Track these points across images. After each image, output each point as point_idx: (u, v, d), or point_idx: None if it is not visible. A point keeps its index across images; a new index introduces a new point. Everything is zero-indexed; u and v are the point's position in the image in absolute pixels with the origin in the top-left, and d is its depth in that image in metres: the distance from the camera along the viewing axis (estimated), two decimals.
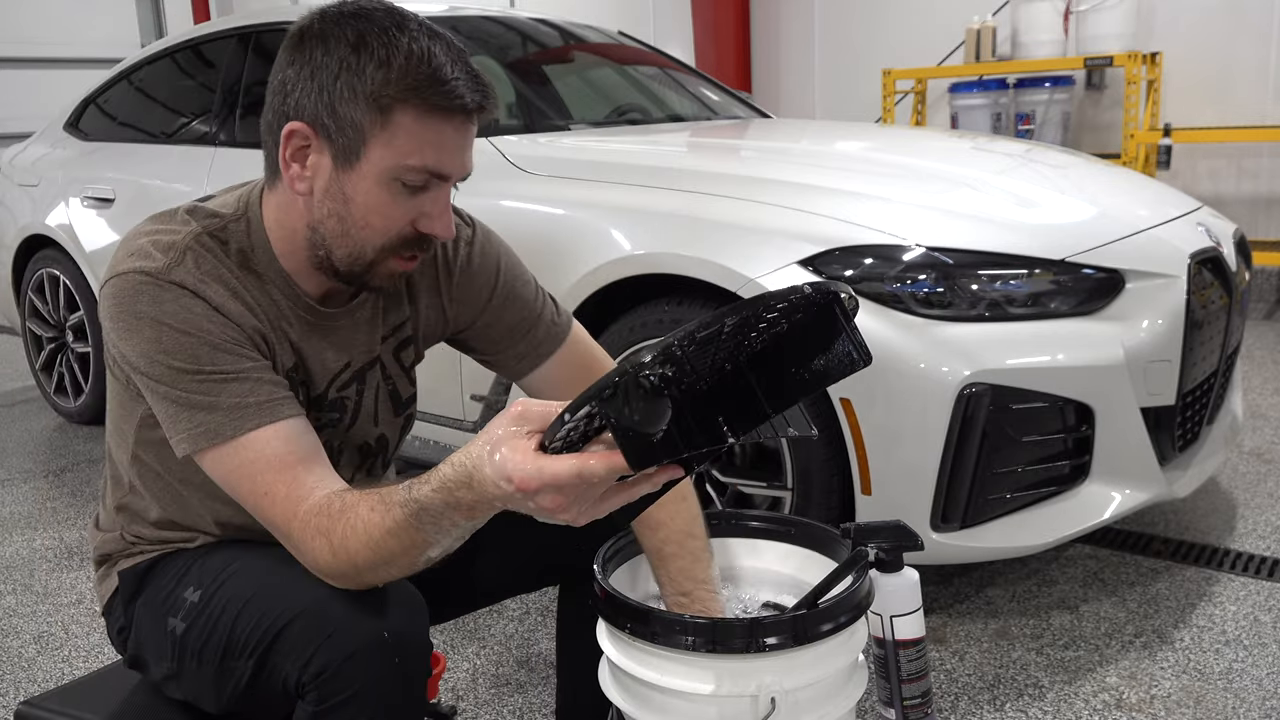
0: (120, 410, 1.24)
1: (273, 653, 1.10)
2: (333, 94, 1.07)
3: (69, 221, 3.82)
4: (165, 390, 1.09)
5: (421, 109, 1.06)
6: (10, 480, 3.47)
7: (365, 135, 1.08)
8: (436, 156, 1.09)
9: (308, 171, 1.12)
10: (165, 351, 1.08)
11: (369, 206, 1.11)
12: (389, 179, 1.09)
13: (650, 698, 1.14)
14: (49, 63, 9.12)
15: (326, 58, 1.07)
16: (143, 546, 1.30)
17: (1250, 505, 2.78)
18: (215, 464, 1.10)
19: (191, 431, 1.09)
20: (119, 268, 1.12)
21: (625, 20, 6.96)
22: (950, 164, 2.64)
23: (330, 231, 1.13)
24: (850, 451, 2.04)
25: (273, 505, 1.07)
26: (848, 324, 0.93)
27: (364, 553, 1.02)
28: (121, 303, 1.10)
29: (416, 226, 1.13)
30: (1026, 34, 5.48)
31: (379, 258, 1.15)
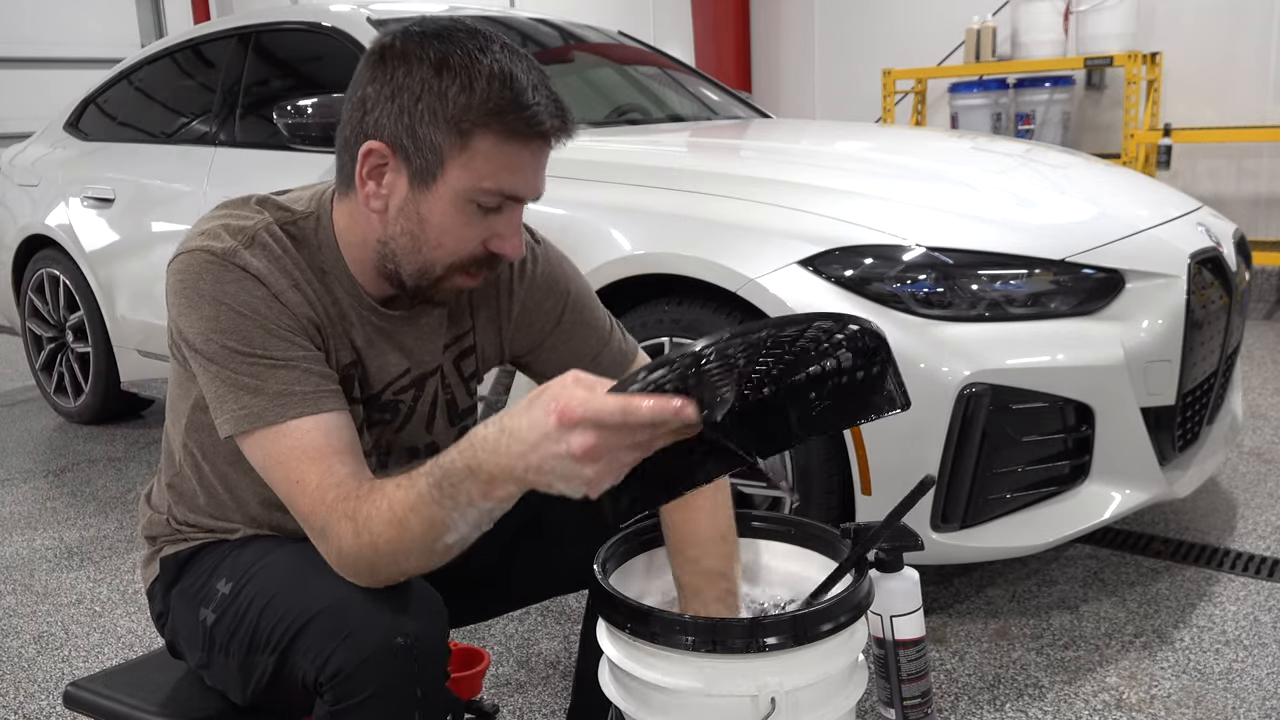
0: (178, 389, 1.26)
1: (293, 651, 1.11)
2: (413, 116, 1.07)
3: (69, 221, 3.82)
4: (216, 370, 1.11)
5: (502, 134, 1.07)
6: (10, 480, 3.47)
7: (444, 158, 1.08)
8: (512, 180, 1.10)
9: (383, 190, 1.12)
10: (221, 330, 1.10)
11: (443, 227, 1.11)
12: (464, 200, 1.10)
13: (650, 698, 1.14)
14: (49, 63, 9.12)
15: (408, 78, 1.07)
16: (186, 533, 1.32)
17: (1250, 505, 2.78)
18: (254, 448, 1.11)
19: (236, 413, 1.11)
20: (187, 245, 1.14)
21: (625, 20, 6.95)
22: (950, 164, 2.64)
23: (402, 248, 1.14)
24: (850, 451, 2.04)
25: (303, 494, 1.07)
26: (894, 367, 0.93)
27: (386, 532, 1.01)
28: (185, 279, 1.12)
29: (487, 246, 1.14)
30: (1026, 34, 5.48)
31: (447, 274, 1.16)
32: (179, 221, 3.35)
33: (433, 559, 1.03)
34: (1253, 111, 5.23)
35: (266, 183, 3.23)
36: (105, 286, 3.71)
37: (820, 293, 2.03)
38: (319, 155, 2.93)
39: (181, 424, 1.27)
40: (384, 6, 3.24)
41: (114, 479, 3.44)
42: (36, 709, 2.08)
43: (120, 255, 3.62)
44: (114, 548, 2.87)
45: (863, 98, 6.37)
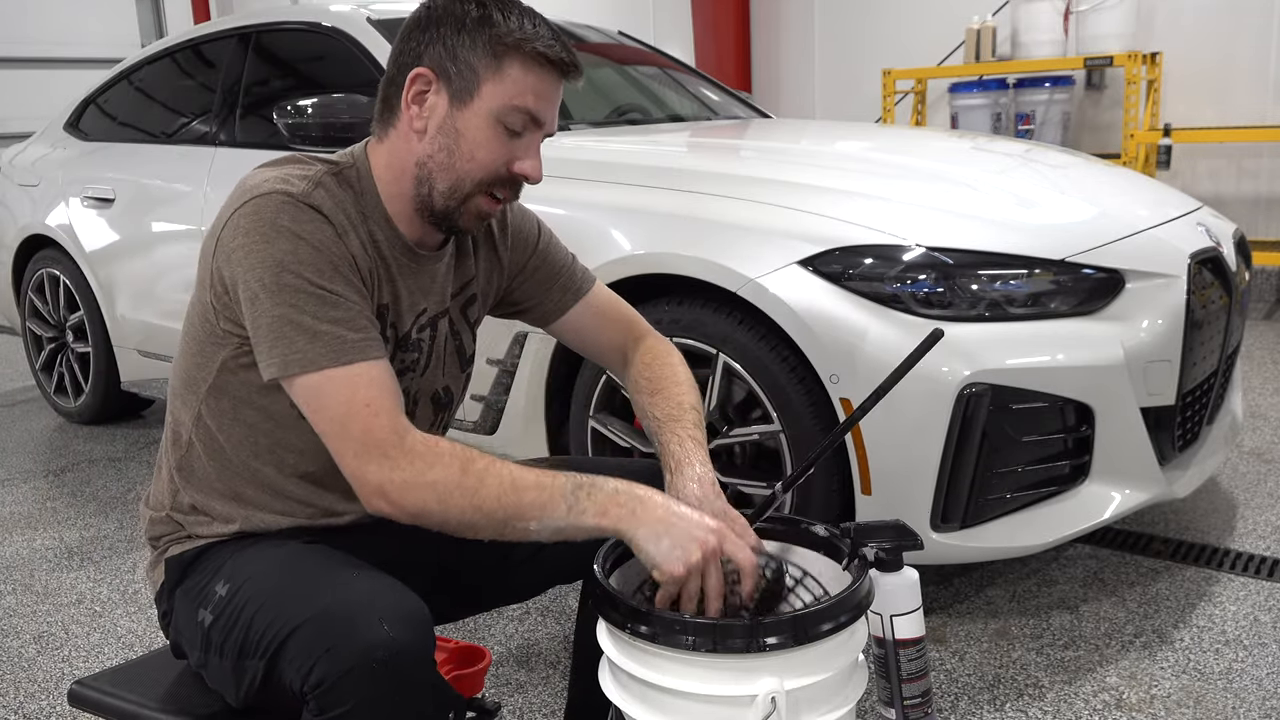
0: (197, 359, 1.29)
1: (279, 658, 1.13)
2: (455, 43, 1.24)
3: (69, 221, 3.83)
4: (282, 307, 1.16)
5: (529, 60, 1.24)
6: (10, 480, 3.47)
7: (480, 77, 1.24)
8: (536, 101, 1.26)
9: (425, 112, 1.26)
10: (300, 262, 1.17)
11: (475, 141, 1.26)
12: (495, 119, 1.25)
13: (650, 698, 1.14)
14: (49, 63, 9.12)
15: (450, 19, 1.25)
16: (191, 525, 1.34)
17: (1250, 505, 2.78)
18: (310, 383, 1.16)
19: (293, 355, 1.16)
20: (259, 190, 1.20)
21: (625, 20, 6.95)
22: (950, 164, 2.64)
23: (438, 165, 1.27)
24: (850, 451, 2.04)
25: (375, 417, 1.15)
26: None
27: (496, 489, 1.14)
28: (262, 218, 1.18)
29: (511, 168, 1.28)
30: (1026, 34, 5.48)
31: (474, 191, 1.28)
32: (179, 221, 3.36)
33: (500, 530, 1.15)
34: (1253, 111, 5.23)
35: None
36: (105, 286, 3.72)
37: (820, 293, 2.03)
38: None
39: (199, 395, 1.30)
40: (384, 6, 3.24)
41: (114, 479, 3.44)
42: (37, 709, 2.08)
43: (120, 255, 3.62)
44: (114, 548, 2.87)
45: (863, 98, 6.37)
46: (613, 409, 2.36)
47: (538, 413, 2.44)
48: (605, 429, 2.36)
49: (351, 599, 1.12)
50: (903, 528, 1.25)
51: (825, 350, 2.02)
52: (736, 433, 2.22)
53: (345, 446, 1.16)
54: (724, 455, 2.26)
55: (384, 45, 2.98)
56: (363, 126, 2.66)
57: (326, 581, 1.18)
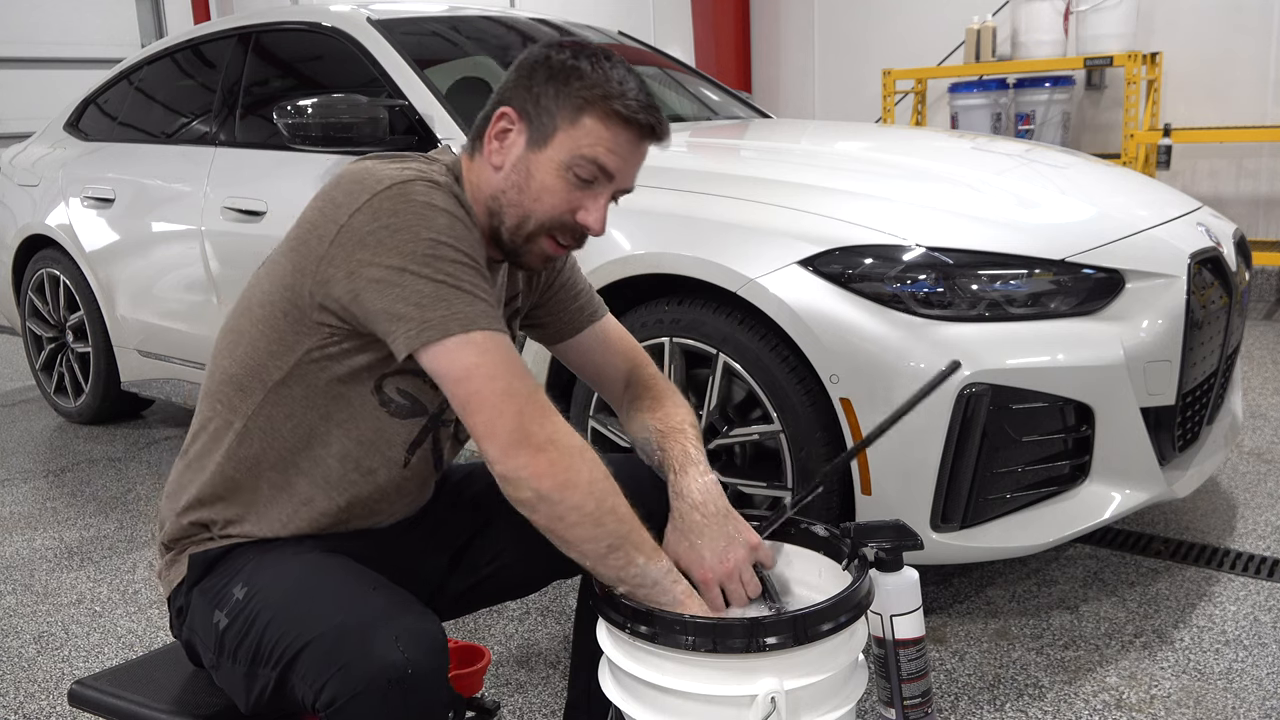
0: (273, 347, 1.28)
1: (292, 671, 1.13)
2: (541, 90, 1.29)
3: (69, 221, 3.83)
4: (441, 275, 1.17)
5: (607, 115, 1.27)
6: (10, 480, 3.47)
7: (556, 124, 1.28)
8: (607, 155, 1.28)
9: (504, 149, 1.31)
10: (455, 237, 1.19)
11: (544, 185, 1.29)
12: (565, 167, 1.28)
13: (650, 698, 1.14)
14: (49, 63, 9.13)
15: (543, 67, 1.30)
16: (221, 529, 1.32)
17: (1250, 505, 2.78)
18: (483, 343, 1.17)
19: (465, 314, 1.17)
20: (398, 179, 1.21)
21: (625, 20, 6.96)
22: (950, 164, 2.64)
23: (509, 200, 1.31)
24: None
25: (537, 383, 1.18)
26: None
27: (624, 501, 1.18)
28: (410, 200, 1.19)
29: (575, 216, 1.31)
30: (1026, 34, 5.48)
31: (537, 232, 1.31)
32: (179, 222, 3.36)
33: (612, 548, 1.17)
34: (1253, 111, 5.23)
35: (267, 183, 3.24)
36: (105, 286, 3.72)
37: (820, 293, 2.03)
38: (319, 155, 2.93)
39: (265, 385, 1.29)
40: (384, 6, 3.24)
41: (114, 479, 3.44)
42: (36, 709, 2.08)
43: (120, 255, 3.62)
44: (114, 548, 2.87)
45: (863, 98, 6.38)
46: (611, 410, 2.35)
47: None
48: (605, 429, 2.36)
49: (367, 616, 1.12)
50: (903, 528, 1.26)
51: (825, 350, 2.02)
52: (736, 433, 2.22)
53: (502, 406, 1.15)
54: (724, 455, 2.26)
55: (384, 45, 2.98)
56: (363, 126, 2.67)
57: (344, 596, 1.17)
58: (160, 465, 3.55)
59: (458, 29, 3.37)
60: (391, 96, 2.84)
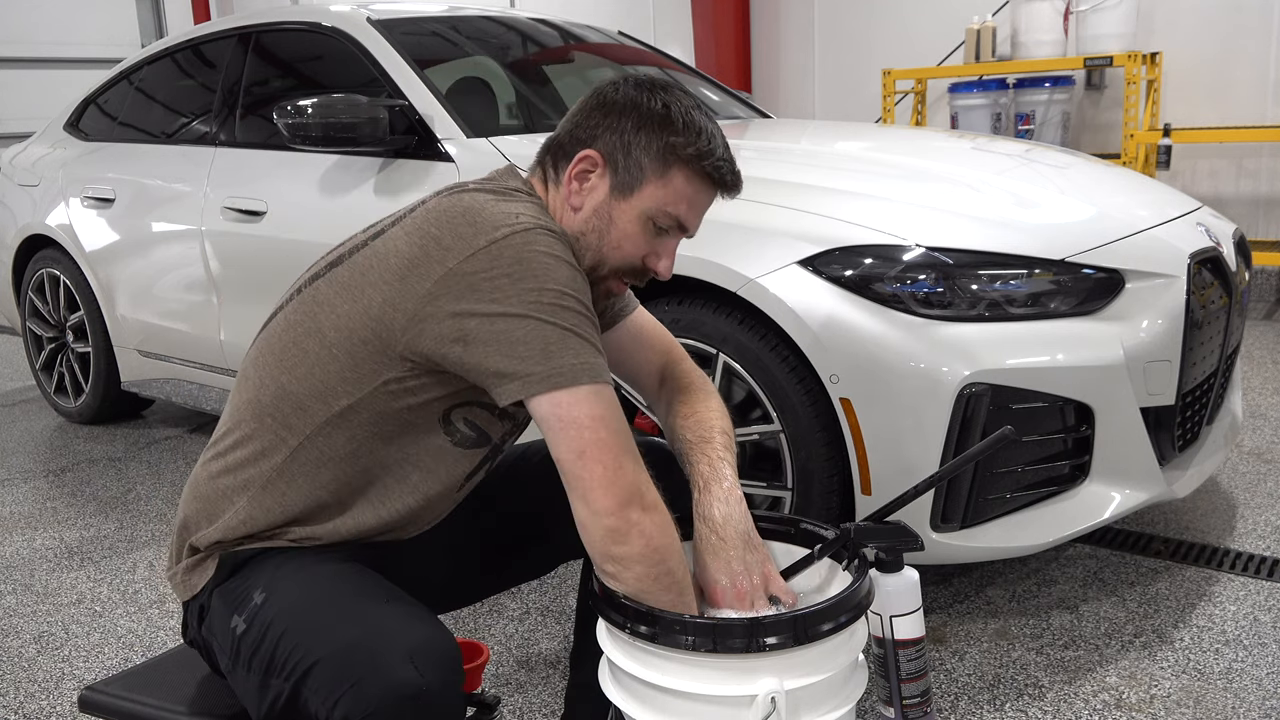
0: (347, 372, 1.25)
1: (305, 685, 1.12)
2: (632, 139, 1.29)
3: (69, 221, 3.83)
4: (564, 323, 1.17)
5: (695, 174, 1.30)
6: (10, 480, 3.47)
7: (646, 177, 1.29)
8: (688, 211, 1.32)
9: (585, 191, 1.31)
10: (577, 289, 1.20)
11: (625, 233, 1.31)
12: (647, 217, 1.30)
13: (650, 698, 1.14)
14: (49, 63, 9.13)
15: (634, 113, 1.30)
16: (256, 530, 1.29)
17: (1250, 505, 2.78)
18: (592, 396, 1.16)
19: (581, 363, 1.17)
20: (518, 225, 1.20)
21: (625, 20, 6.96)
22: (950, 164, 2.64)
23: (589, 244, 1.32)
24: (850, 451, 2.04)
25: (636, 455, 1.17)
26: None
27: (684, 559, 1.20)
28: (532, 246, 1.19)
29: (647, 262, 1.34)
30: (1026, 34, 5.48)
31: (610, 275, 1.34)
32: (179, 222, 3.36)
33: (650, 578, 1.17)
34: (1253, 111, 5.23)
35: (267, 183, 3.24)
36: (105, 286, 3.72)
37: (820, 293, 2.03)
38: (319, 155, 2.93)
39: (331, 407, 1.26)
40: (384, 6, 3.24)
41: (114, 479, 3.44)
42: (36, 709, 2.08)
43: (120, 255, 3.62)
44: (114, 548, 2.87)
45: (863, 98, 6.37)
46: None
47: None
48: None
49: (381, 632, 1.11)
50: (903, 528, 1.26)
51: (825, 350, 2.02)
52: (737, 433, 2.21)
53: (610, 472, 1.15)
54: None
55: (384, 45, 2.98)
56: (363, 126, 2.67)
57: (358, 609, 1.16)
58: (160, 465, 3.55)
59: (458, 29, 3.37)
60: (391, 96, 2.84)
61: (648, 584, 1.15)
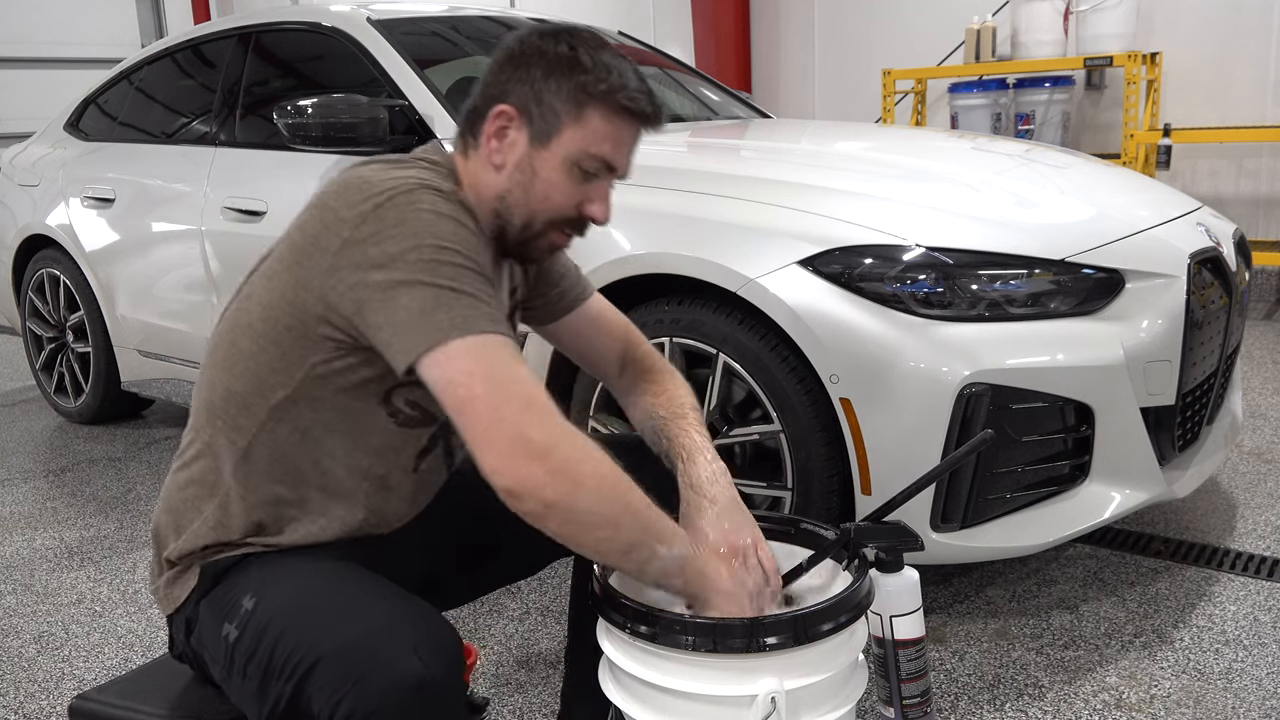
0: (276, 363, 1.25)
1: (307, 685, 1.10)
2: (542, 87, 1.27)
3: (69, 221, 3.83)
4: (443, 279, 1.14)
5: (611, 109, 1.27)
6: (10, 480, 3.47)
7: (562, 121, 1.27)
8: (613, 149, 1.29)
9: (504, 148, 1.29)
10: (460, 241, 1.17)
11: (550, 182, 1.29)
12: (571, 163, 1.28)
13: (650, 698, 1.14)
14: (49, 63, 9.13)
15: (540, 60, 1.28)
16: (233, 546, 1.29)
17: (1250, 505, 2.78)
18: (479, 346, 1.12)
19: (466, 318, 1.13)
20: (402, 187, 1.18)
21: (625, 20, 6.96)
22: (950, 164, 2.64)
23: (515, 200, 1.30)
24: (850, 451, 2.04)
25: (538, 386, 1.13)
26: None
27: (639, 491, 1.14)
28: (418, 206, 1.17)
29: (581, 209, 1.31)
30: (1026, 34, 5.48)
31: (544, 230, 1.32)
32: (179, 222, 3.36)
33: (634, 544, 1.13)
34: (1253, 111, 5.23)
35: (267, 183, 3.24)
36: (105, 286, 3.72)
37: (820, 293, 2.03)
38: (319, 155, 2.93)
39: (269, 400, 1.26)
40: (384, 6, 3.24)
41: (114, 479, 3.44)
42: (36, 709, 2.08)
43: (120, 255, 3.62)
44: (114, 548, 2.87)
45: (863, 98, 6.37)
46: (612, 409, 2.36)
47: None
48: (605, 429, 2.36)
49: (384, 627, 1.10)
50: (903, 528, 1.26)
51: (825, 350, 2.02)
52: (736, 433, 2.22)
53: (500, 411, 1.09)
54: (724, 455, 2.25)
55: (384, 45, 2.98)
56: (363, 126, 2.67)
57: (357, 606, 1.15)
58: (160, 465, 3.55)
59: (458, 29, 3.37)
60: (391, 96, 2.84)
61: (573, 531, 1.11)
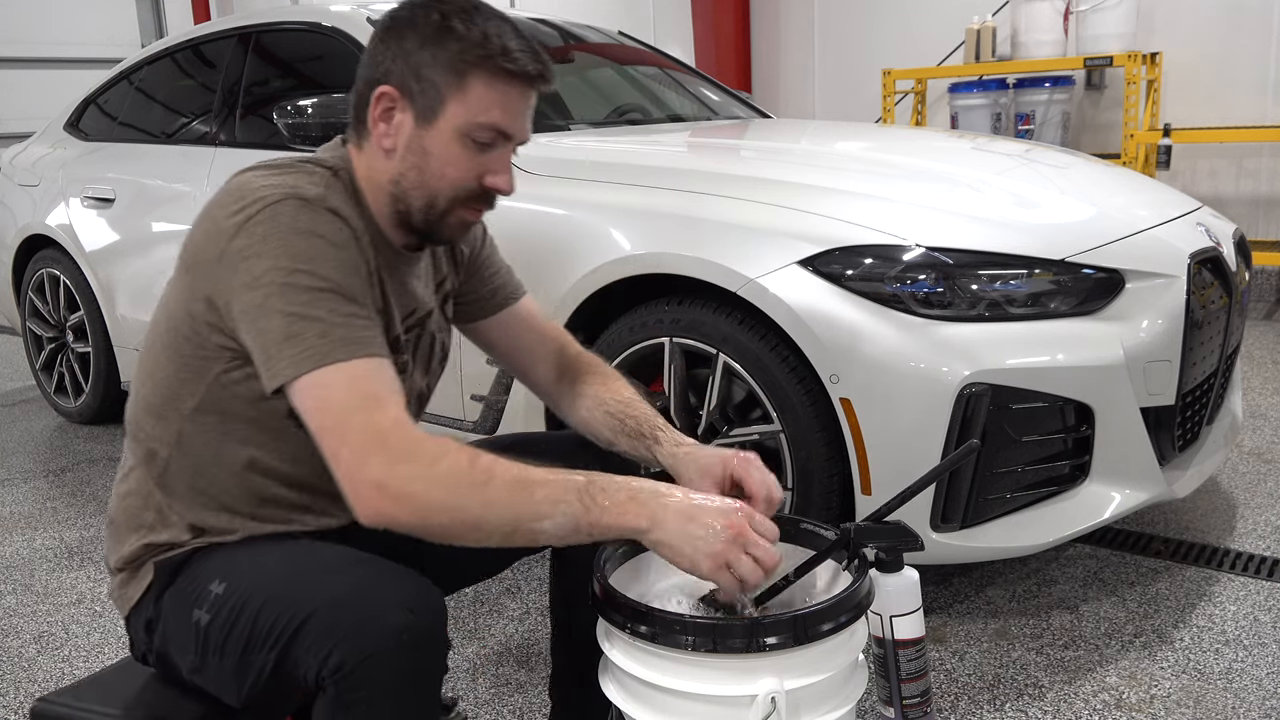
0: (181, 374, 1.25)
1: (293, 647, 1.12)
2: (418, 61, 1.23)
3: (69, 221, 3.83)
4: (295, 305, 1.12)
5: (492, 75, 1.22)
6: (10, 480, 3.47)
7: (444, 96, 1.23)
8: (503, 116, 1.25)
9: (392, 130, 1.26)
10: (314, 259, 1.14)
11: (444, 159, 1.25)
12: (461, 135, 1.24)
13: (650, 698, 1.14)
14: (49, 63, 9.13)
15: (413, 33, 1.23)
16: (184, 545, 1.30)
17: (1250, 505, 2.78)
18: (327, 379, 1.11)
19: (314, 349, 1.11)
20: (270, 198, 1.17)
21: (625, 20, 6.96)
22: (950, 164, 2.64)
23: (411, 183, 1.27)
24: (850, 451, 2.04)
25: (380, 410, 1.11)
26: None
27: (503, 485, 1.09)
28: (279, 221, 1.15)
29: (482, 182, 1.28)
30: (1026, 34, 5.48)
31: (450, 207, 1.28)
32: (179, 222, 3.36)
33: (510, 531, 1.10)
34: (1253, 111, 5.23)
35: None
36: (105, 286, 3.72)
37: (820, 293, 2.03)
38: None
39: (181, 413, 1.26)
40: (384, 6, 3.24)
41: (114, 479, 3.43)
42: None
43: (120, 255, 3.62)
44: None
45: (863, 98, 6.37)
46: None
47: (538, 413, 2.44)
48: None
49: (370, 582, 1.12)
50: (903, 528, 1.25)
51: (825, 350, 2.02)
52: (736, 433, 2.22)
53: (344, 441, 1.09)
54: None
55: None
56: None
57: (338, 567, 1.16)
58: None
59: None
60: None
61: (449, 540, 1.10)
